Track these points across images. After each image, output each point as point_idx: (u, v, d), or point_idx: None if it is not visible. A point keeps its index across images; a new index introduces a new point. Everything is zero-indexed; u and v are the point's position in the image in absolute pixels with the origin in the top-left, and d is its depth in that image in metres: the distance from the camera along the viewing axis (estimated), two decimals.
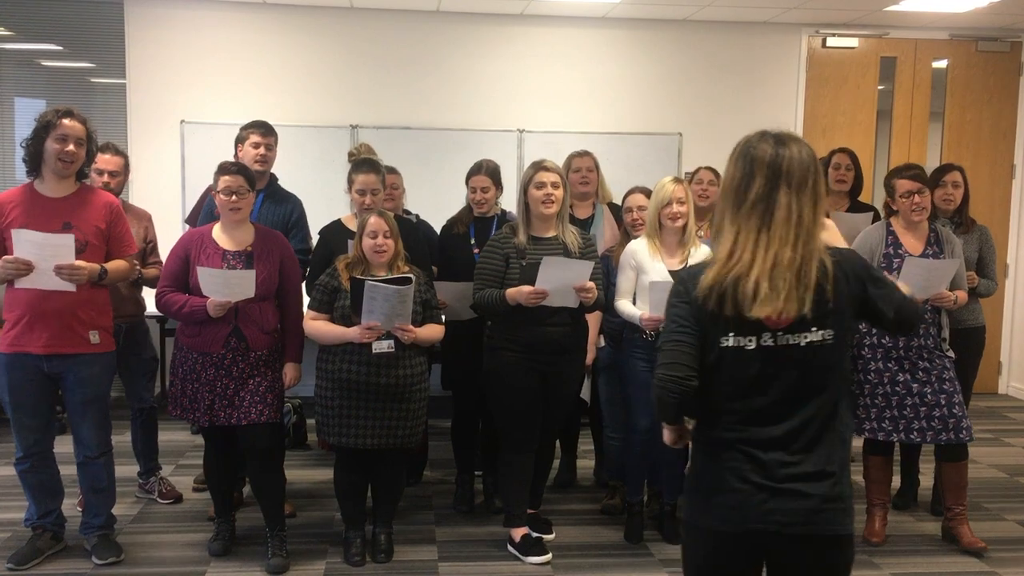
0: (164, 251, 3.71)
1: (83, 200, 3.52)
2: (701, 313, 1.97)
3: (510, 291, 3.61)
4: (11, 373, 3.46)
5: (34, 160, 3.46)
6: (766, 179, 1.93)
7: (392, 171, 4.47)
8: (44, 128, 3.41)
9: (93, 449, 3.61)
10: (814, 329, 1.93)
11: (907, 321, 2.09)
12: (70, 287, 3.38)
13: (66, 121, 3.41)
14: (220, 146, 4.33)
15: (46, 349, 3.43)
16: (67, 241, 3.35)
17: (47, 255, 3.33)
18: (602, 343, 4.19)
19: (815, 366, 1.95)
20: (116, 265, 3.56)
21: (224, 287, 3.45)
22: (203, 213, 4.26)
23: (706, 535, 2.03)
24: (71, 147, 3.42)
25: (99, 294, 3.56)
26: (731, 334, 1.94)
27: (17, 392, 3.48)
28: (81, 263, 3.38)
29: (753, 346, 1.94)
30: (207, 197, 4.26)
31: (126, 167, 4.26)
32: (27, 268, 3.33)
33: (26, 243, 3.31)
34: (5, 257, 3.32)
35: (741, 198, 1.96)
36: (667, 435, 2.19)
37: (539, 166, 3.73)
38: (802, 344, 1.93)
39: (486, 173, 4.22)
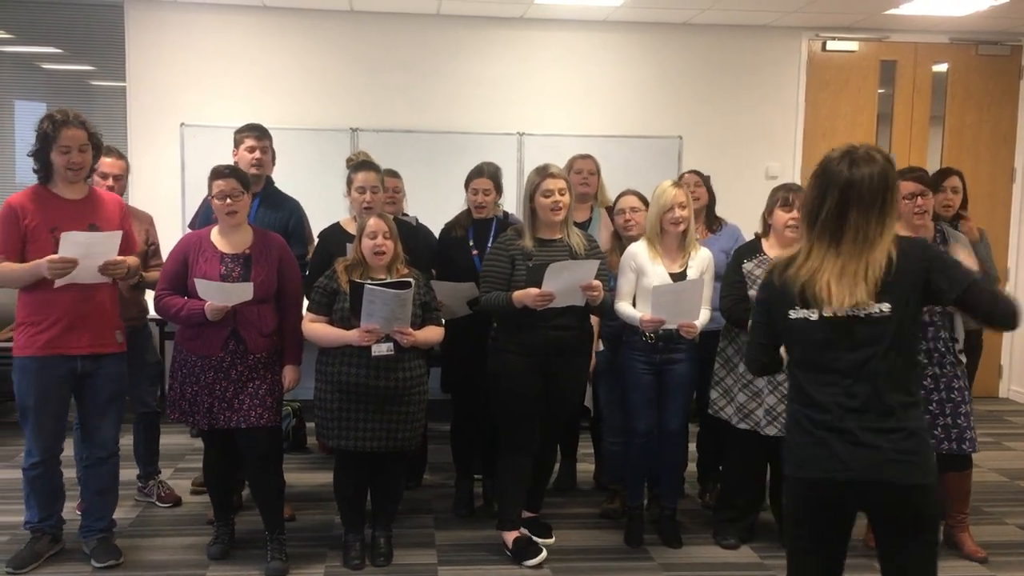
0: (165, 254, 3.71)
1: (99, 201, 3.60)
2: (773, 294, 2.35)
3: (517, 294, 3.61)
4: (42, 376, 3.47)
5: (46, 170, 3.49)
6: (836, 202, 2.24)
7: (394, 174, 4.47)
8: (45, 139, 3.42)
9: (108, 448, 3.67)
10: (871, 303, 2.21)
11: (979, 305, 2.24)
12: (103, 279, 3.48)
13: (65, 131, 3.40)
14: (220, 149, 4.33)
15: (89, 349, 3.50)
16: (115, 239, 3.46)
17: (93, 253, 3.40)
18: (600, 347, 4.19)
19: (875, 335, 2.22)
20: (132, 262, 3.65)
21: (221, 298, 3.46)
22: (201, 217, 4.26)
23: (794, 484, 2.35)
24: (76, 157, 3.44)
25: (116, 294, 3.66)
26: (797, 306, 2.28)
27: (44, 396, 3.48)
28: (122, 258, 3.50)
29: (816, 317, 2.26)
30: (206, 202, 4.27)
31: (127, 171, 4.27)
32: (72, 266, 3.36)
33: (74, 244, 3.36)
34: (50, 257, 3.35)
35: (815, 217, 2.28)
36: None
37: (545, 173, 3.72)
38: (861, 315, 2.22)
39: (487, 176, 4.22)
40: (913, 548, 2.27)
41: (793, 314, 2.29)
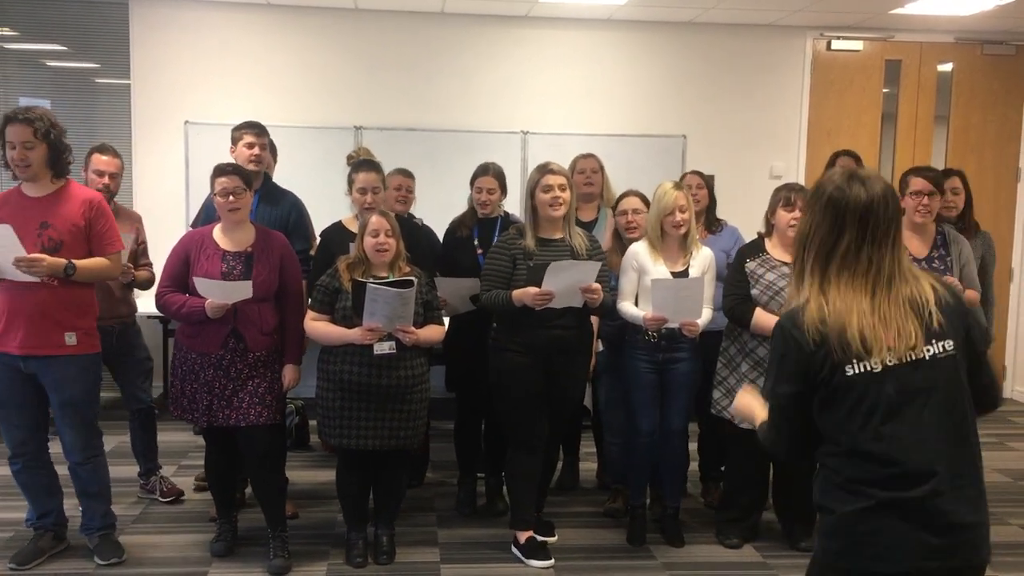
0: (167, 252, 3.70)
1: (62, 198, 3.46)
2: (810, 357, 1.88)
3: (516, 292, 3.61)
4: None
5: (8, 167, 3.45)
6: (857, 233, 1.89)
7: (406, 173, 4.47)
8: (1, 137, 3.39)
9: (77, 455, 3.57)
10: (933, 342, 1.87)
11: (988, 372, 2.01)
12: (33, 279, 3.33)
13: (9, 127, 3.36)
14: (224, 147, 4.33)
15: (21, 349, 3.40)
16: (6, 232, 3.26)
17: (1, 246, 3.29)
18: (600, 347, 4.18)
19: (943, 380, 1.87)
20: (93, 262, 3.45)
21: (221, 296, 3.45)
22: (203, 216, 4.27)
23: None
24: (18, 153, 3.37)
25: (79, 295, 3.47)
26: (854, 360, 1.85)
27: (1, 391, 3.47)
28: (39, 256, 3.31)
29: (879, 368, 1.85)
30: (208, 200, 4.28)
31: (122, 169, 4.28)
32: None
33: None
34: None
35: (829, 251, 1.92)
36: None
37: (546, 169, 3.72)
38: (927, 357, 1.86)
39: (493, 175, 4.22)
40: None
41: (850, 370, 1.86)
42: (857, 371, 1.85)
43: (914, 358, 1.85)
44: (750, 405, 2.15)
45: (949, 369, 1.87)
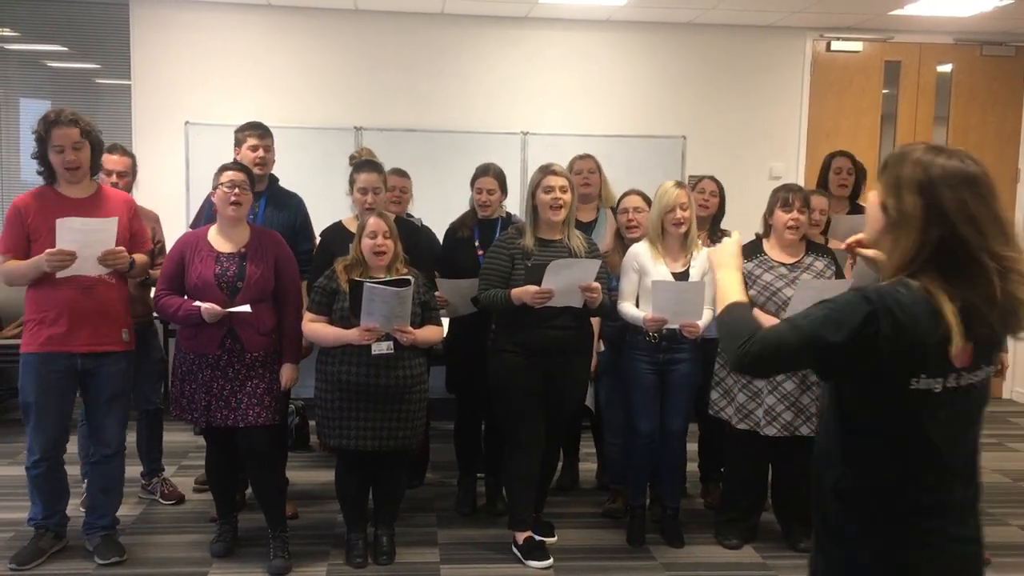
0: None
1: (105, 198, 3.59)
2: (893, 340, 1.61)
3: (515, 291, 3.62)
4: (41, 373, 3.47)
5: (49, 170, 3.50)
6: (962, 212, 1.64)
7: (402, 174, 4.47)
8: (40, 141, 3.44)
9: (113, 446, 3.65)
10: (983, 366, 1.69)
11: None
12: (104, 271, 3.44)
13: (56, 131, 3.41)
14: (224, 147, 4.33)
15: (88, 347, 3.48)
16: (110, 225, 3.40)
17: (91, 241, 3.37)
18: (601, 348, 4.19)
19: (981, 406, 1.73)
20: (140, 259, 3.63)
21: (81, 240, 3.35)
22: (203, 217, 4.27)
23: None
24: (69, 155, 3.43)
25: (127, 293, 3.65)
26: (922, 375, 1.62)
27: (45, 393, 3.49)
28: (121, 248, 3.45)
29: (940, 388, 1.64)
30: (207, 202, 4.29)
31: (134, 168, 4.28)
32: (71, 258, 3.35)
33: (69, 231, 3.33)
34: (49, 250, 3.33)
35: (926, 241, 1.63)
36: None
37: (547, 170, 3.73)
38: (976, 383, 1.69)
39: (493, 175, 4.23)
40: None
41: (916, 384, 1.63)
42: (921, 387, 1.64)
43: (971, 382, 1.68)
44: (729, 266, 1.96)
45: (985, 393, 1.73)
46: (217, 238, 3.63)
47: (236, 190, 3.55)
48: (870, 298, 1.63)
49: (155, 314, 4.25)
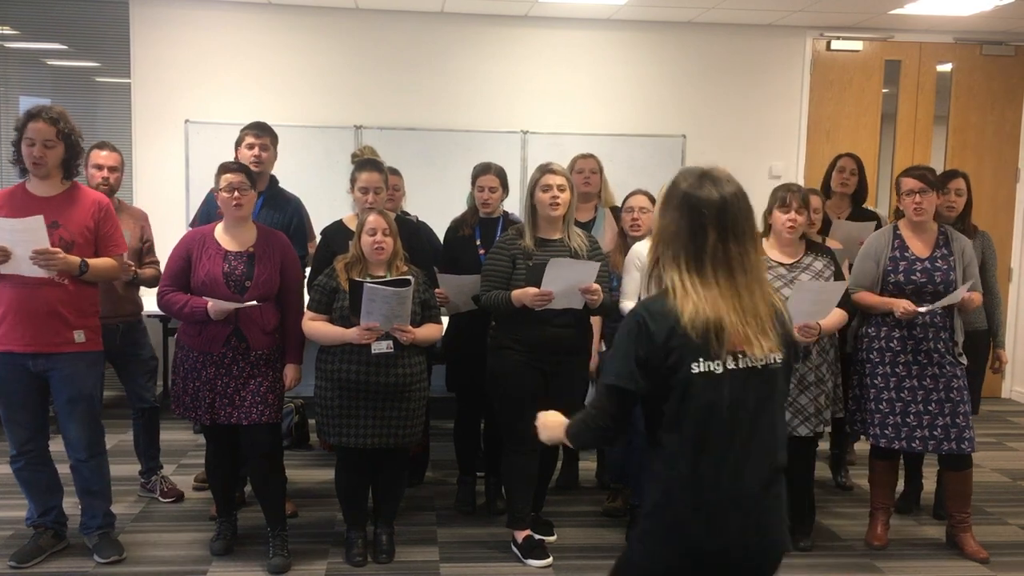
0: (168, 250, 3.71)
1: (71, 199, 3.50)
2: (662, 345, 1.92)
3: (516, 292, 3.62)
4: (0, 371, 3.45)
5: (21, 162, 3.46)
6: (717, 232, 1.94)
7: (394, 172, 4.47)
8: (18, 132, 3.42)
9: (82, 452, 3.58)
10: (770, 352, 1.96)
11: None
12: (45, 274, 3.34)
13: (32, 124, 3.39)
14: (224, 146, 4.34)
15: (29, 347, 3.40)
16: (37, 224, 3.29)
17: (20, 240, 3.29)
18: (602, 347, 4.19)
19: (771, 388, 1.98)
20: (102, 262, 3.51)
21: (8, 238, 3.30)
22: (202, 215, 4.27)
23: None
24: (37, 151, 3.39)
25: (86, 293, 3.51)
26: (701, 359, 1.90)
27: (5, 389, 3.48)
28: (56, 249, 3.33)
29: (721, 370, 1.91)
30: (206, 201, 4.29)
31: (122, 163, 4.28)
32: (4, 255, 3.30)
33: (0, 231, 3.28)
34: None
35: (694, 249, 1.94)
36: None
37: (546, 169, 3.73)
38: (759, 367, 1.95)
39: (494, 173, 4.22)
40: None
41: (696, 368, 1.90)
42: (701, 370, 1.91)
43: (751, 365, 1.94)
44: (549, 424, 2.38)
45: (777, 377, 1.99)
46: (224, 236, 3.63)
47: (236, 193, 3.55)
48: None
49: (149, 312, 4.27)
